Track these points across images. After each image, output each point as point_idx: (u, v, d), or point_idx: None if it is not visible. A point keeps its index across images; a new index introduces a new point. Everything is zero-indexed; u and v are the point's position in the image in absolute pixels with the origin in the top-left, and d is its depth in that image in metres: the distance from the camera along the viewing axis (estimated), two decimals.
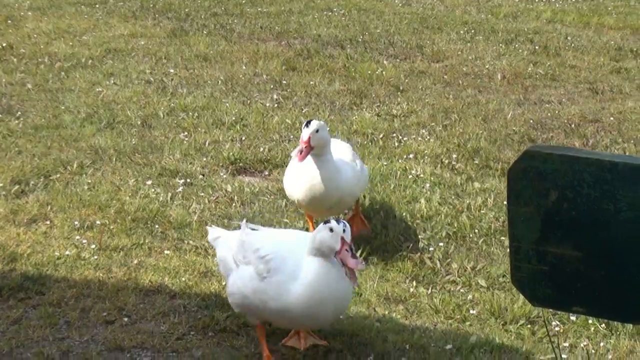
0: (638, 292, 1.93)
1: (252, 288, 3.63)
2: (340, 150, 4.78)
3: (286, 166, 5.46)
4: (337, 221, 3.64)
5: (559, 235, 1.95)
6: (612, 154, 3.34)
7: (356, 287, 3.87)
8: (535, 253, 1.98)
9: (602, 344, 4.20)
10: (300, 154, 4.37)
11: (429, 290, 4.64)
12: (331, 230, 3.56)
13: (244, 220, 3.98)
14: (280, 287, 3.59)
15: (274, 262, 3.61)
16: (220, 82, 7.66)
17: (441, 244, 5.11)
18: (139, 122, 6.70)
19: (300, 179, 4.60)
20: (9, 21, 9.32)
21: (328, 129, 4.60)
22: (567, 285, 1.98)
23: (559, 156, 1.96)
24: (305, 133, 4.37)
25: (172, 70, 7.89)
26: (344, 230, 3.55)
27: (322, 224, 3.64)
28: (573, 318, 4.20)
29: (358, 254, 4.02)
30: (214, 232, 4.07)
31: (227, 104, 7.13)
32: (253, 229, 3.89)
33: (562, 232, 1.95)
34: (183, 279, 4.50)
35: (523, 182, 1.99)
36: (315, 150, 4.42)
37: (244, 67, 8.06)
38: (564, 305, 2.04)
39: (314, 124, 4.39)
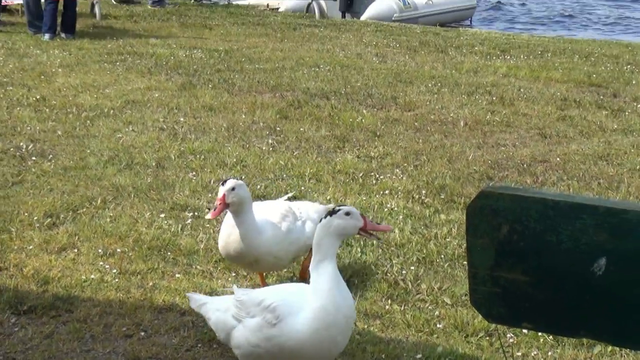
0: (576, 311, 1.94)
1: (263, 336, 3.50)
2: (270, 211, 4.45)
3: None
4: (339, 206, 3.56)
5: (510, 262, 1.97)
6: (555, 193, 3.35)
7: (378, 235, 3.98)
8: (490, 278, 2.00)
9: (549, 353, 4.22)
10: (214, 210, 4.20)
11: (402, 307, 4.64)
12: (347, 214, 3.48)
13: (234, 286, 3.92)
14: (289, 326, 3.48)
15: (280, 308, 3.48)
16: (223, 129, 7.68)
17: (412, 267, 5.11)
18: (154, 164, 6.71)
19: (222, 233, 4.38)
20: (42, 76, 9.34)
21: (246, 188, 4.27)
22: (517, 305, 1.99)
23: (510, 195, 1.98)
24: (221, 191, 4.14)
25: (182, 119, 7.90)
26: (346, 211, 3.51)
27: (325, 219, 3.49)
28: (525, 331, 4.20)
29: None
30: (197, 299, 3.86)
31: (229, 148, 7.14)
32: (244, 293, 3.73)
33: (512, 260, 1.97)
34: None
35: (479, 217, 2.01)
36: (232, 207, 4.18)
37: (244, 116, 8.08)
38: (514, 322, 2.06)
39: (230, 182, 4.15)
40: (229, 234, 4.25)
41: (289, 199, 4.94)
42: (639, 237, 1.84)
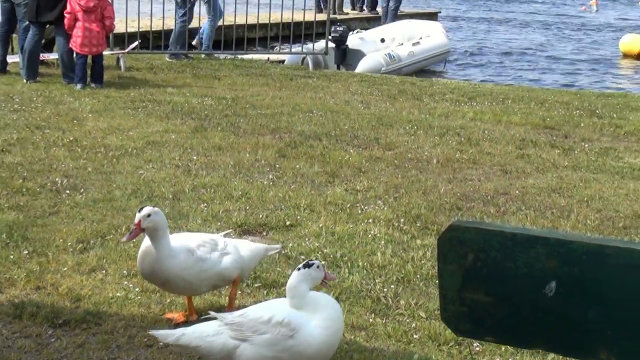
0: (531, 327, 1.96)
1: (282, 347, 3.51)
2: (191, 239, 4.33)
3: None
4: (312, 261, 3.67)
5: (475, 285, 2.00)
6: (512, 226, 3.37)
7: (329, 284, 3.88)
8: (457, 298, 2.02)
9: (517, 358, 4.25)
10: (130, 234, 4.14)
11: (384, 321, 4.65)
12: (318, 267, 3.61)
13: (212, 312, 3.86)
14: (306, 335, 3.54)
15: (293, 321, 3.53)
16: (230, 166, 7.70)
17: (392, 286, 5.11)
18: (170, 196, 6.73)
19: (140, 252, 4.27)
20: (75, 121, 9.38)
21: (162, 215, 4.18)
22: (481, 322, 2.02)
23: (474, 229, 2.01)
24: (137, 217, 4.04)
25: (194, 157, 7.93)
26: (318, 264, 3.65)
27: (301, 267, 3.63)
28: None
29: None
30: (170, 334, 3.72)
31: (235, 182, 7.17)
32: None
33: (477, 283, 1.99)
34: (203, 313, 4.51)
35: (448, 247, 2.03)
36: (148, 232, 4.08)
37: (248, 155, 8.10)
38: (479, 336, 2.08)
39: (146, 209, 4.04)
40: (145, 254, 4.19)
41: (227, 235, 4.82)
42: (583, 264, 1.87)
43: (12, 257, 5.35)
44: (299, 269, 3.67)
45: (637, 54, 23.51)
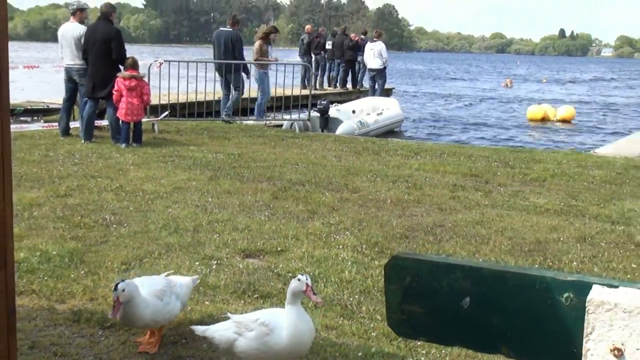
0: (452, 330, 2.00)
1: (261, 341, 3.57)
2: (153, 287, 4.10)
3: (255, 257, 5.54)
4: (302, 274, 3.64)
5: (411, 300, 2.03)
6: (439, 256, 3.40)
7: (320, 304, 3.73)
8: (399, 309, 2.06)
9: (443, 352, 4.28)
10: (113, 310, 3.88)
11: (349, 322, 4.68)
12: (299, 280, 3.57)
13: (229, 313, 3.95)
14: (278, 335, 3.57)
15: (271, 323, 3.59)
16: (236, 205, 7.73)
17: (356, 296, 5.15)
18: (191, 229, 6.75)
19: (119, 318, 4.01)
20: (120, 171, 9.40)
21: (133, 283, 3.97)
22: (416, 326, 2.05)
23: (411, 259, 2.06)
24: (115, 295, 3.81)
25: (210, 199, 7.95)
26: (306, 278, 3.58)
27: (293, 279, 3.62)
28: None
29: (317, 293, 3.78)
30: (200, 328, 3.84)
31: (240, 218, 7.19)
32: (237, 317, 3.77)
33: (412, 299, 2.03)
34: (216, 317, 4.53)
35: (392, 271, 2.07)
36: (125, 300, 3.85)
37: (249, 197, 8.13)
38: (415, 336, 2.11)
39: (120, 286, 3.81)
40: (124, 312, 3.94)
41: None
42: (489, 284, 1.92)
43: (72, 275, 5.37)
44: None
45: (540, 119, 23.86)
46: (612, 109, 31.56)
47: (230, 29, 15.61)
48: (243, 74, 15.66)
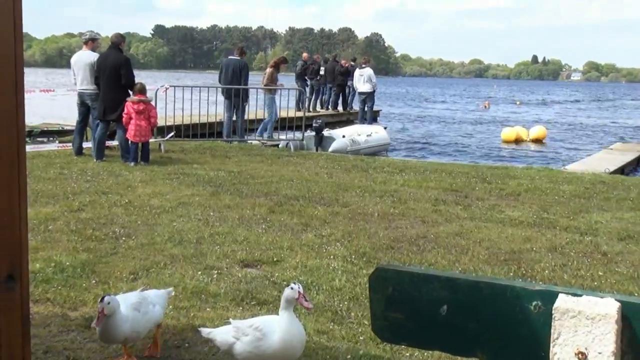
0: (431, 335, 2.01)
1: (255, 345, 3.55)
2: (129, 302, 3.91)
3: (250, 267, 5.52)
4: (294, 283, 3.63)
5: (393, 308, 2.04)
6: (419, 268, 3.42)
7: (311, 309, 3.63)
8: (382, 316, 2.07)
9: (425, 354, 4.26)
10: (97, 320, 3.70)
11: (339, 327, 4.66)
12: (292, 288, 3.56)
13: (231, 319, 3.92)
14: (270, 340, 3.55)
15: (264, 328, 3.57)
16: (236, 219, 7.71)
17: (346, 302, 5.14)
18: (194, 240, 6.73)
19: (99, 333, 3.84)
20: (129, 188, 9.37)
21: (116, 299, 3.80)
22: (397, 332, 2.06)
23: (392, 270, 2.07)
24: (100, 306, 3.65)
25: (211, 213, 7.93)
26: (299, 287, 3.56)
27: (287, 287, 3.61)
28: None
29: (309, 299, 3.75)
30: (206, 330, 3.84)
31: (239, 231, 7.17)
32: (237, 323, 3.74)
33: (394, 307, 2.04)
34: (217, 323, 4.52)
35: (376, 282, 2.08)
36: (109, 313, 3.67)
37: (248, 211, 8.12)
38: (397, 341, 2.12)
39: (105, 299, 3.67)
40: (105, 328, 3.77)
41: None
42: (464, 293, 1.93)
43: (84, 285, 5.35)
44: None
45: (514, 140, 23.99)
46: (580, 129, 31.71)
47: (238, 58, 16.14)
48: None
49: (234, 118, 16.07)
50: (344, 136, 17.91)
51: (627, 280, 6.01)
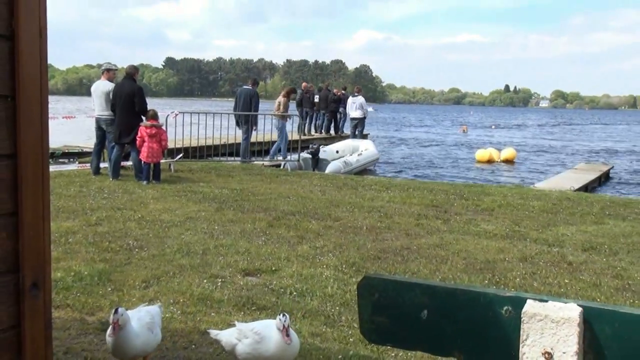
0: (413, 337, 2.00)
1: (254, 347, 3.53)
2: (141, 320, 3.69)
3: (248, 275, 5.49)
4: (283, 315, 3.51)
5: (379, 312, 2.04)
6: (402, 277, 3.41)
7: (289, 342, 3.45)
8: (369, 319, 2.07)
9: (409, 354, 4.25)
10: (113, 331, 3.48)
11: (331, 330, 4.65)
12: (279, 319, 3.48)
13: (237, 322, 3.89)
14: (267, 343, 3.52)
15: (262, 333, 3.54)
16: (238, 232, 7.69)
17: (337, 307, 5.12)
18: (201, 252, 6.71)
19: (112, 346, 3.57)
20: (142, 204, 9.33)
21: (127, 312, 3.56)
22: (383, 334, 2.05)
23: (378, 279, 2.07)
24: (114, 317, 3.45)
25: (216, 227, 7.91)
26: (285, 320, 3.47)
27: (279, 315, 3.52)
28: None
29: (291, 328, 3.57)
30: (214, 332, 3.81)
31: (241, 243, 7.16)
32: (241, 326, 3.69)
33: (380, 311, 2.04)
34: (220, 327, 4.50)
35: (363, 289, 2.08)
36: (122, 325, 3.47)
37: (249, 225, 8.10)
38: (383, 342, 2.11)
39: (120, 310, 3.47)
40: (118, 342, 3.55)
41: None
42: (443, 300, 1.93)
43: (100, 292, 5.33)
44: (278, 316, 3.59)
45: (487, 161, 24.07)
46: (548, 150, 31.84)
47: (250, 88, 16.41)
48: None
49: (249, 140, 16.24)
50: (337, 151, 17.96)
51: (591, 287, 6.02)
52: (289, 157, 16.57)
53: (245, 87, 16.58)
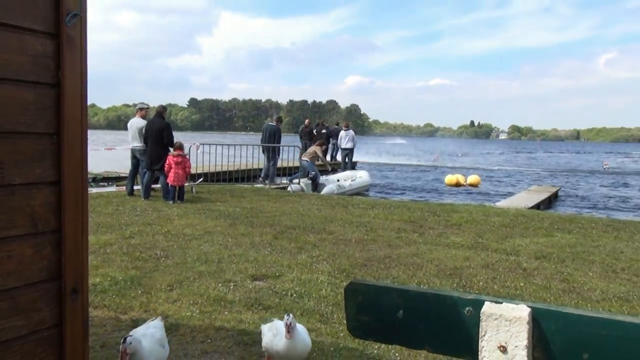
0: (393, 333, 1.98)
1: (270, 341, 3.49)
2: (154, 337, 3.36)
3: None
4: (288, 315, 3.45)
5: (363, 312, 2.02)
6: (383, 282, 3.39)
7: (288, 338, 3.36)
8: (354, 318, 2.04)
9: (389, 347, 4.21)
10: (121, 358, 3.01)
11: (325, 326, 4.61)
12: (285, 318, 3.43)
13: (276, 318, 3.82)
14: (280, 338, 3.47)
15: (278, 328, 3.50)
16: (248, 244, 7.65)
17: (330, 307, 5.09)
18: (216, 260, 6.68)
19: None
20: (168, 220, 9.28)
21: (138, 338, 3.13)
22: (367, 330, 2.03)
23: (362, 284, 2.05)
24: (123, 347, 3.00)
25: (230, 240, 7.87)
26: (289, 319, 3.39)
27: (286, 314, 3.47)
28: None
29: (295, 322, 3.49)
30: (263, 327, 3.71)
31: (251, 253, 7.13)
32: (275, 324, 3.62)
33: (364, 311, 2.01)
34: (232, 323, 4.47)
35: (349, 292, 2.06)
36: (131, 352, 3.00)
37: (257, 238, 8.06)
38: (366, 338, 2.09)
39: (128, 340, 3.03)
40: None
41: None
42: (416, 301, 1.91)
43: (132, 294, 5.29)
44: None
45: (455, 184, 24.06)
46: (507, 175, 31.87)
47: (274, 125, 16.60)
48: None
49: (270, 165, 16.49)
50: (338, 180, 17.98)
51: (542, 289, 5.99)
52: (295, 182, 16.60)
53: (270, 123, 16.87)
